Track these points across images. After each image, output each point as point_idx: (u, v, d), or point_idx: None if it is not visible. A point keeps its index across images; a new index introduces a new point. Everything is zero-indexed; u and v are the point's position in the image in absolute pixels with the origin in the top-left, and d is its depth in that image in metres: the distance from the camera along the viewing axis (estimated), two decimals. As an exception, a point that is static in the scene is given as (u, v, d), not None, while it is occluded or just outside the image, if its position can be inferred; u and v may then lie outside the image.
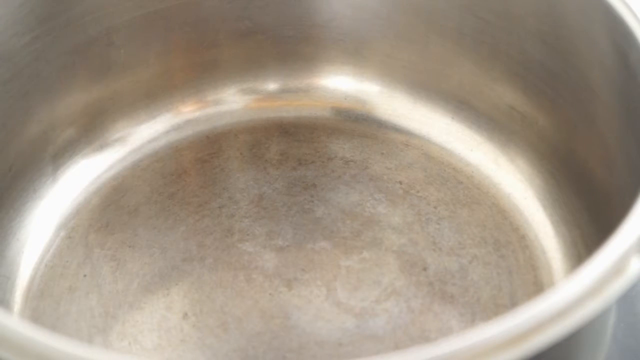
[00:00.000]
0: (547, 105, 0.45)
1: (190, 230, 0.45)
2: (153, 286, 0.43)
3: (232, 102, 0.51)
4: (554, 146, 0.45)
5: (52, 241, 0.45)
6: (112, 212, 0.46)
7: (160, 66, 0.50)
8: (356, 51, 0.51)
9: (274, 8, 0.50)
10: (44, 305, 0.42)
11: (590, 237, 0.42)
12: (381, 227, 0.45)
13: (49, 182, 0.46)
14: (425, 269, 0.43)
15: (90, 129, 0.48)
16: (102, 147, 0.48)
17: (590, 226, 0.42)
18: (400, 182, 0.47)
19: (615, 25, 0.39)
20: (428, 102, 0.50)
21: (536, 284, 0.42)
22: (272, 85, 0.51)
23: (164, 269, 0.43)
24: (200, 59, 0.50)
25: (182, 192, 0.47)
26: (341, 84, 0.51)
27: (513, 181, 0.46)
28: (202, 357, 0.40)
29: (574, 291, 0.28)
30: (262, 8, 0.50)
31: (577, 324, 0.28)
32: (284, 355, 0.40)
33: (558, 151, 0.45)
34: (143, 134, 0.49)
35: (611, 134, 0.41)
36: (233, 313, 0.41)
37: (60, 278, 0.43)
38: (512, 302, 0.41)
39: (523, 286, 0.42)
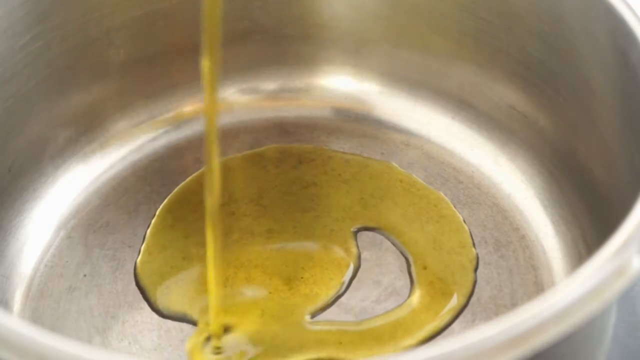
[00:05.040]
0: (548, 105, 0.45)
1: (190, 228, 0.45)
2: (152, 285, 0.42)
3: (232, 101, 0.51)
4: (554, 146, 0.45)
5: (52, 241, 0.45)
6: (112, 212, 0.46)
7: (160, 66, 0.50)
8: (356, 51, 0.51)
9: (274, 8, 0.50)
10: (44, 305, 0.42)
11: (590, 237, 0.42)
12: (381, 226, 0.45)
13: (49, 182, 0.46)
14: (425, 268, 0.43)
15: (90, 129, 0.48)
16: (102, 147, 0.48)
17: (590, 226, 0.42)
18: (401, 181, 0.47)
19: (616, 25, 0.39)
20: (428, 102, 0.50)
21: (536, 284, 0.42)
22: (272, 85, 0.51)
23: (164, 268, 0.43)
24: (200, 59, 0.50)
25: (181, 192, 0.47)
26: (341, 84, 0.51)
27: (513, 181, 0.46)
28: (202, 356, 0.40)
29: (574, 291, 0.28)
30: (262, 8, 0.50)
31: (577, 324, 0.28)
32: (284, 354, 0.40)
33: (558, 151, 0.45)
34: (143, 134, 0.49)
35: (611, 134, 0.41)
36: (233, 312, 0.41)
37: (60, 278, 0.43)
38: (512, 302, 0.41)
39: (523, 286, 0.42)
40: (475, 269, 0.43)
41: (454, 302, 0.41)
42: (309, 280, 0.42)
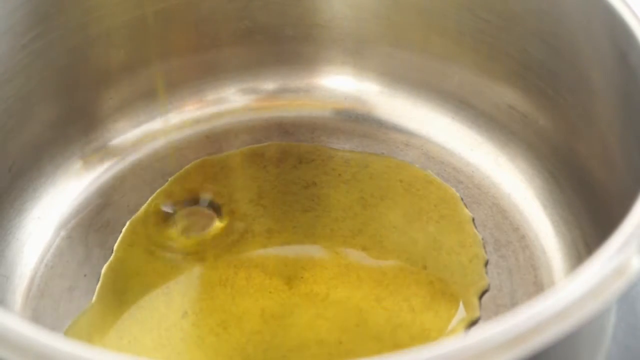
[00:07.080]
0: (547, 105, 0.45)
1: (190, 228, 0.45)
2: (152, 285, 0.43)
3: (232, 101, 0.51)
4: (554, 146, 0.45)
5: (52, 241, 0.45)
6: (112, 212, 0.46)
7: (160, 66, 0.50)
8: (356, 51, 0.51)
9: (274, 8, 0.50)
10: (44, 305, 0.42)
11: (590, 237, 0.42)
12: (381, 225, 0.45)
13: (48, 182, 0.46)
14: (425, 268, 0.43)
15: (90, 129, 0.48)
16: (102, 147, 0.48)
17: (590, 226, 0.42)
18: (401, 181, 0.47)
19: (615, 25, 0.39)
20: (428, 102, 0.50)
21: (536, 284, 0.42)
22: (272, 85, 0.52)
23: (164, 267, 0.43)
24: (200, 59, 0.50)
25: (181, 191, 0.47)
26: (341, 84, 0.51)
27: (513, 181, 0.46)
28: (202, 356, 0.40)
29: (574, 291, 0.28)
30: (262, 8, 0.50)
31: (577, 324, 0.28)
32: (283, 354, 0.40)
33: (558, 151, 0.45)
34: (143, 134, 0.49)
35: (611, 134, 0.41)
36: (233, 311, 0.41)
37: (60, 278, 0.43)
38: (512, 302, 0.41)
39: (523, 286, 0.42)
40: (485, 265, 0.43)
41: (462, 314, 0.41)
42: (309, 280, 0.42)
